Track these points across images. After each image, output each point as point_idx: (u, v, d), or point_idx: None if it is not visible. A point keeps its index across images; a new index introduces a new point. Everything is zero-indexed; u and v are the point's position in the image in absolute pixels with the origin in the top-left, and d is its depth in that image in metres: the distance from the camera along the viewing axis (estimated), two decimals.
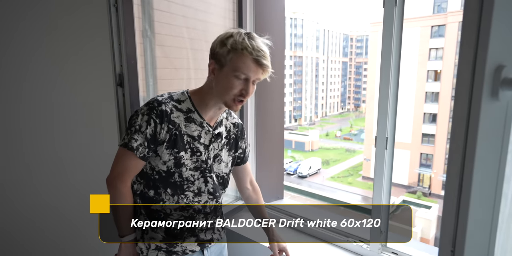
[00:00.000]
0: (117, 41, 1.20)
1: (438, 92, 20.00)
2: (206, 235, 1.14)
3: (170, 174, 1.02)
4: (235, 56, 0.92)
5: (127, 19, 1.20)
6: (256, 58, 0.92)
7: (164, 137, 0.97)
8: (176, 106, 0.99)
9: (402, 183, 20.58)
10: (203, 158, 1.05)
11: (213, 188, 1.09)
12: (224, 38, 0.94)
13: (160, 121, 0.95)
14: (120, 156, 0.98)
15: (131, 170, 1.00)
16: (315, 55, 48.00)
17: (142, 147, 0.95)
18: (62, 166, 1.52)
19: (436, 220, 14.56)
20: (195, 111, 1.02)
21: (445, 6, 21.14)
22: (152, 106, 0.95)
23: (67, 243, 1.60)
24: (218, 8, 1.70)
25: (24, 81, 1.44)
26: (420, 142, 20.71)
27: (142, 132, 0.94)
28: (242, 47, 0.92)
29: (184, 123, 1.00)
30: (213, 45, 0.97)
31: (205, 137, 1.05)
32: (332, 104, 52.14)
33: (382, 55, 1.32)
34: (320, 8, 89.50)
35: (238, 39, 0.92)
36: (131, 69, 1.24)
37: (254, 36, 0.97)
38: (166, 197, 1.04)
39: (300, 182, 24.11)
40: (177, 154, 1.00)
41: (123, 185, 0.99)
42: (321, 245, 1.61)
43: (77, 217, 1.56)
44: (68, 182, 1.52)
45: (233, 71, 0.93)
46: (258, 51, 0.93)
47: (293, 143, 32.63)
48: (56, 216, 1.57)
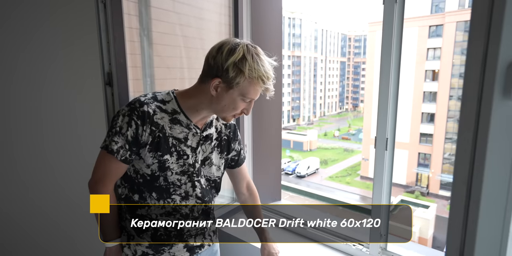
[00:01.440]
0: (105, 39, 1.15)
1: (436, 92, 20.06)
2: (196, 241, 1.10)
3: (154, 177, 0.97)
4: (249, 84, 0.91)
5: (116, 16, 1.15)
6: (267, 86, 0.93)
7: (146, 139, 0.92)
8: (160, 107, 0.94)
9: (400, 183, 20.64)
10: (190, 162, 1.00)
11: (201, 193, 1.05)
12: (238, 61, 0.89)
13: (142, 122, 0.90)
14: (100, 159, 0.94)
15: (113, 173, 0.95)
16: (313, 55, 48.05)
17: (123, 149, 0.91)
18: (49, 166, 1.48)
19: (434, 220, 14.60)
20: (180, 112, 0.97)
21: (443, 6, 21.19)
22: (133, 107, 0.91)
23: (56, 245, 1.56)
24: (214, 4, 1.65)
25: (9, 80, 1.40)
26: (418, 142, 20.76)
27: (122, 134, 0.90)
28: (258, 76, 0.90)
29: (169, 124, 0.95)
30: (221, 63, 0.90)
31: (192, 140, 1.00)
32: (330, 104, 52.22)
33: (382, 53, 1.28)
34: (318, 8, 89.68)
35: (253, 65, 0.89)
36: (120, 67, 1.19)
37: (262, 54, 0.93)
38: (152, 201, 0.99)
39: (299, 182, 24.12)
40: (161, 158, 0.95)
41: (104, 189, 0.95)
42: (319, 247, 1.58)
43: (64, 218, 1.52)
44: (55, 182, 1.48)
45: (241, 95, 0.93)
46: (270, 79, 0.93)
47: (292, 143, 32.65)
48: (42, 217, 1.53)
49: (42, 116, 1.42)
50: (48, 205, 1.52)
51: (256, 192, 1.26)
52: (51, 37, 1.30)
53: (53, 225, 1.53)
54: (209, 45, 1.71)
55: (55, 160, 1.46)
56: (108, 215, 0.98)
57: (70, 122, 1.40)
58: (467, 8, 20.12)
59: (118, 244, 1.02)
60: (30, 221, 1.53)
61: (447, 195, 19.13)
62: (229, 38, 0.95)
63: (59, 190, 1.48)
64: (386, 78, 1.28)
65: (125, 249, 1.03)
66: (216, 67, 0.91)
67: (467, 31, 20.82)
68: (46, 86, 1.38)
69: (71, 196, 1.46)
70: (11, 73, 1.37)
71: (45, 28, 1.30)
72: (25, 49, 1.33)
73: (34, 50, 1.33)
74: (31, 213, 1.52)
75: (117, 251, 1.02)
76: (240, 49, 0.89)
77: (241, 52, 0.89)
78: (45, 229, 1.53)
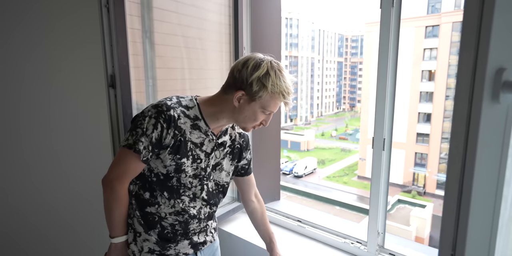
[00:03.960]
0: (109, 42, 1.17)
1: (432, 92, 20.19)
2: (199, 238, 1.13)
3: (168, 178, 1.00)
4: (270, 98, 0.96)
5: (119, 20, 1.17)
6: (287, 101, 0.98)
7: (168, 142, 0.95)
8: (184, 112, 0.98)
9: (397, 183, 20.75)
10: (203, 166, 1.04)
11: (207, 196, 1.09)
12: (262, 76, 0.94)
13: (168, 126, 0.93)
14: (122, 157, 0.95)
15: (132, 172, 0.97)
16: (311, 55, 48.16)
17: (146, 150, 0.93)
18: (54, 167, 1.50)
19: (431, 219, 14.69)
20: (201, 119, 1.01)
21: (439, 6, 21.34)
22: (161, 110, 0.93)
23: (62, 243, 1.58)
24: (214, 4, 1.66)
25: (14, 83, 1.41)
26: (414, 142, 20.89)
27: (147, 135, 0.92)
28: (279, 91, 0.95)
29: (189, 129, 0.99)
30: (246, 77, 0.95)
31: (207, 145, 1.04)
32: (327, 104, 52.35)
33: (379, 56, 1.31)
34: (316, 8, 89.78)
35: (276, 81, 0.95)
36: (123, 70, 1.21)
37: (284, 70, 0.98)
38: (162, 200, 1.02)
39: (296, 182, 24.16)
40: (179, 160, 0.98)
41: (121, 187, 0.97)
42: (318, 246, 1.60)
43: (69, 218, 1.53)
44: (60, 183, 1.50)
45: (262, 108, 0.98)
46: (291, 94, 0.98)
47: (289, 143, 32.70)
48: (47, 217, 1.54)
49: (46, 117, 1.43)
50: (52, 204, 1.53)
51: (262, 200, 1.30)
52: (56, 40, 1.32)
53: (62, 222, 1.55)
54: (209, 45, 1.75)
55: (59, 160, 1.47)
56: (120, 212, 1.00)
57: (74, 123, 1.42)
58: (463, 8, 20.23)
59: (123, 242, 1.04)
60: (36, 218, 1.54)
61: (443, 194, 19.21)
62: (253, 53, 1.00)
63: (64, 189, 1.50)
64: (383, 79, 1.31)
65: (131, 246, 1.05)
66: (241, 80, 0.96)
67: None
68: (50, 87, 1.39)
69: (75, 194, 1.47)
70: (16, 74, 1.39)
71: (50, 32, 1.32)
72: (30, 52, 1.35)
73: (38, 52, 1.35)
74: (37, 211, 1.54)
75: (122, 247, 1.04)
76: (265, 65, 0.95)
77: (265, 68, 0.95)
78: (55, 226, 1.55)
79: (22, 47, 1.36)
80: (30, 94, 1.42)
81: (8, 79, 1.40)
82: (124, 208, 1.01)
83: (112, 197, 0.97)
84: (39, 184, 1.52)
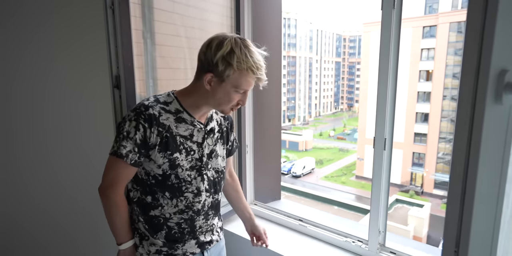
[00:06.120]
0: (114, 43, 1.18)
1: (430, 92, 20.27)
2: (206, 237, 1.14)
3: (166, 177, 1.00)
4: (239, 75, 0.93)
5: (124, 21, 1.18)
6: (258, 76, 0.95)
7: (155, 141, 0.95)
8: (164, 108, 0.98)
9: (395, 182, 20.81)
10: (197, 156, 1.04)
11: (209, 185, 1.09)
12: (226, 54, 0.91)
13: (149, 125, 0.93)
14: (109, 164, 0.96)
15: (123, 178, 0.98)
16: (309, 55, 48.21)
17: (132, 153, 0.93)
18: (58, 168, 1.50)
19: (429, 219, 14.76)
20: (184, 111, 1.01)
21: (437, 7, 21.43)
22: (139, 111, 0.93)
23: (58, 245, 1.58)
24: (216, 6, 1.68)
25: (20, 84, 1.42)
26: (412, 142, 20.97)
27: (131, 138, 0.92)
28: (247, 67, 0.92)
29: (174, 124, 0.98)
30: (211, 58, 0.93)
31: (197, 135, 1.04)
32: (325, 104, 52.42)
33: (380, 57, 1.32)
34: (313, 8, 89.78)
35: (242, 57, 0.91)
36: (128, 70, 1.22)
37: (251, 45, 0.95)
38: (165, 201, 1.02)
39: (294, 182, 24.19)
40: (171, 156, 0.98)
41: (115, 193, 0.97)
42: (320, 245, 1.62)
43: (70, 220, 1.54)
44: (65, 184, 1.50)
45: (234, 87, 0.95)
46: (261, 69, 0.94)
47: (287, 143, 32.72)
48: (48, 219, 1.55)
49: (52, 118, 1.44)
50: (55, 206, 1.54)
51: (237, 178, 1.32)
52: (61, 41, 1.33)
53: (56, 226, 1.55)
54: None
55: (64, 162, 1.48)
56: (121, 218, 1.01)
57: (79, 124, 1.43)
58: (460, 9, 20.38)
59: (131, 246, 1.05)
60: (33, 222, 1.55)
61: (441, 194, 19.35)
62: (218, 33, 0.97)
63: (68, 191, 1.50)
64: (384, 81, 1.32)
65: (139, 249, 1.06)
66: (207, 62, 0.94)
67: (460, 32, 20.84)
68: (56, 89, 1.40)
69: (80, 196, 1.48)
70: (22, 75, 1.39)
71: (56, 33, 1.32)
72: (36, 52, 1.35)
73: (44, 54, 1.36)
74: (38, 213, 1.54)
75: (130, 252, 1.05)
76: (228, 43, 0.92)
77: (229, 45, 0.92)
78: (48, 230, 1.55)
79: (28, 48, 1.36)
80: (35, 96, 1.43)
81: (9, 80, 1.41)
82: (124, 213, 1.01)
83: (109, 204, 0.98)
84: (43, 185, 1.52)
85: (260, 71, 0.94)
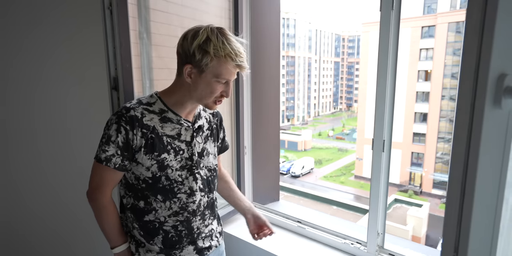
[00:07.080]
0: (112, 44, 1.17)
1: (429, 92, 20.32)
2: (205, 243, 1.11)
3: (156, 179, 0.98)
4: (218, 63, 0.90)
5: (122, 22, 1.17)
6: (238, 63, 0.92)
7: (139, 143, 0.93)
8: (147, 109, 0.96)
9: (394, 182, 20.85)
10: (186, 156, 1.02)
11: (203, 184, 1.06)
12: (202, 43, 0.89)
13: (131, 127, 0.91)
14: (94, 169, 0.96)
15: (108, 182, 0.96)
16: (308, 55, 48.25)
17: (115, 157, 0.92)
18: (55, 170, 1.49)
19: (427, 218, 14.79)
20: (168, 110, 0.98)
21: (435, 7, 21.47)
22: (120, 114, 0.92)
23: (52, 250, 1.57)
24: (214, 7, 1.67)
25: (17, 85, 1.41)
26: (411, 141, 21.01)
27: (113, 141, 0.91)
28: (225, 54, 0.89)
29: (160, 124, 0.96)
30: (187, 49, 0.91)
31: (185, 134, 1.01)
32: (324, 104, 52.48)
33: (378, 58, 1.32)
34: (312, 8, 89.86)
35: (218, 44, 0.89)
36: (126, 72, 1.21)
37: (228, 34, 0.93)
38: (158, 204, 1.00)
39: (293, 182, 24.21)
40: (158, 157, 0.96)
41: (101, 197, 0.96)
42: (318, 247, 1.61)
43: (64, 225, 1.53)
44: (62, 186, 1.49)
45: (214, 76, 0.92)
46: (240, 56, 0.91)
47: (286, 143, 32.74)
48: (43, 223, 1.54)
49: (49, 120, 1.43)
50: (51, 209, 1.53)
51: (227, 172, 1.29)
52: (59, 42, 1.32)
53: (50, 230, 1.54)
54: None
55: (61, 164, 1.47)
56: (110, 221, 0.99)
57: (77, 126, 1.41)
58: (458, 9, 20.44)
59: (125, 249, 1.03)
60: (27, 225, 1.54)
61: (439, 193, 19.40)
62: (194, 26, 0.95)
63: (66, 193, 1.49)
64: (383, 82, 1.32)
65: None
66: (184, 54, 0.92)
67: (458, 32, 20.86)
68: (53, 90, 1.39)
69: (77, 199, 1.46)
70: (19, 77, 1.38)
71: (54, 34, 1.31)
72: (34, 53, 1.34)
73: (41, 55, 1.35)
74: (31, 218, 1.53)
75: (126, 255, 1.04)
76: (204, 31, 0.90)
77: (205, 34, 0.90)
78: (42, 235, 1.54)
79: (24, 50, 1.35)
80: (31, 97, 1.42)
81: (9, 81, 1.40)
82: (113, 216, 1.00)
83: (97, 208, 0.97)
84: (41, 186, 1.52)
85: (240, 58, 0.91)
